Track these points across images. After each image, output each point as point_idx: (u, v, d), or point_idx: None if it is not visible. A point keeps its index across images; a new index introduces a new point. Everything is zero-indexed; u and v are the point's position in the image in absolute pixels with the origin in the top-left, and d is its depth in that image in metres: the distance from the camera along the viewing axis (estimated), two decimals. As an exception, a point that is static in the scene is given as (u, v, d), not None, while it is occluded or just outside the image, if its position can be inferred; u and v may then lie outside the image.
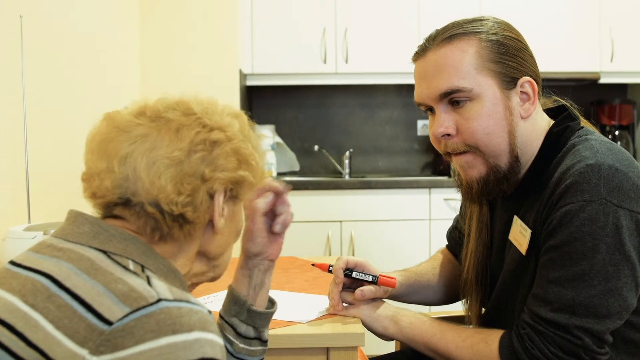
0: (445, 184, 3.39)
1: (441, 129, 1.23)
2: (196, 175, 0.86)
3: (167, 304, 0.74)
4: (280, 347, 1.24)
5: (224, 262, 0.98)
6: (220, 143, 0.89)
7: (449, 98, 1.21)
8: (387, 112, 4.00)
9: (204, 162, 0.87)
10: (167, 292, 0.76)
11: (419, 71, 1.27)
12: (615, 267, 1.10)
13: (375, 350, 1.83)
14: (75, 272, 0.78)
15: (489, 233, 1.38)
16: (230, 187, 0.90)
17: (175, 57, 3.27)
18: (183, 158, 0.85)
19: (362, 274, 1.35)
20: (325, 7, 3.54)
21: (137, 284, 0.76)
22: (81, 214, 0.87)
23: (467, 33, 1.21)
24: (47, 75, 2.04)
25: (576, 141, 1.21)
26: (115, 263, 0.80)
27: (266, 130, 3.72)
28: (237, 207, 0.95)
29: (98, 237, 0.83)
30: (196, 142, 0.87)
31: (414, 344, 1.32)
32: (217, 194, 0.88)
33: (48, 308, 0.75)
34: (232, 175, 0.89)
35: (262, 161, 0.96)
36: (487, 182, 1.23)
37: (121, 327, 0.71)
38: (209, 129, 0.89)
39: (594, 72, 3.58)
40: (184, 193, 0.85)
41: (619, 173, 1.11)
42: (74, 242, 0.83)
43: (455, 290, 1.54)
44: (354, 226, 3.37)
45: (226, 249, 0.97)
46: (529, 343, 1.15)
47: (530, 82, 1.22)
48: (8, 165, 1.78)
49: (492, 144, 1.21)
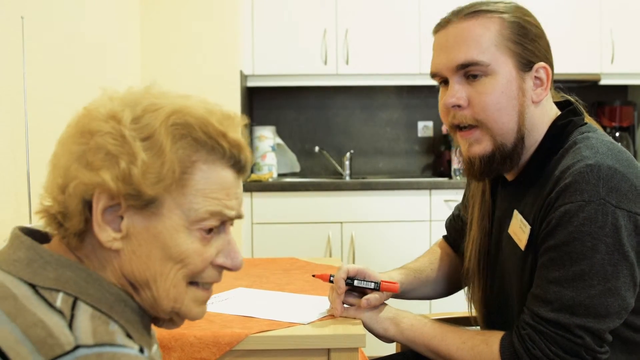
0: (446, 186, 3.40)
1: (453, 99, 1.23)
2: (65, 170, 0.76)
3: (85, 352, 0.67)
4: (281, 349, 1.24)
5: (162, 296, 0.79)
6: (95, 133, 0.76)
7: (465, 71, 1.22)
8: (388, 114, 4.00)
9: (80, 158, 0.76)
10: (89, 335, 0.69)
11: (439, 42, 1.27)
12: (614, 267, 1.10)
13: (376, 351, 1.83)
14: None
15: (490, 222, 1.38)
16: (114, 195, 0.75)
17: (176, 58, 3.27)
18: (65, 151, 0.77)
19: (363, 282, 1.34)
20: (326, 9, 3.54)
21: (57, 328, 0.69)
22: (18, 236, 0.79)
23: (491, 11, 1.23)
24: (49, 76, 2.04)
25: (578, 138, 1.22)
26: (40, 299, 0.72)
27: (267, 131, 3.72)
28: (152, 223, 0.77)
29: (31, 266, 0.75)
30: (78, 133, 0.77)
31: (414, 346, 1.32)
32: (94, 201, 0.75)
33: None
34: (94, 176, 0.74)
35: (159, 160, 0.75)
36: (492, 160, 1.24)
37: None
38: (93, 117, 0.77)
39: (595, 73, 3.58)
40: (56, 190, 0.77)
41: (618, 174, 1.12)
42: (5, 271, 0.76)
43: (454, 283, 1.54)
44: (355, 227, 3.37)
45: (156, 279, 0.78)
46: (530, 343, 1.15)
47: (545, 68, 1.24)
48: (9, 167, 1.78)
49: (501, 120, 1.22)
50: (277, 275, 1.75)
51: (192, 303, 0.82)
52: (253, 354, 1.24)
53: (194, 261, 0.79)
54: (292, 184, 3.45)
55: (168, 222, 0.77)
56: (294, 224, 3.35)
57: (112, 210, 0.76)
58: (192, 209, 0.78)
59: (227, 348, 1.21)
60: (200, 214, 0.78)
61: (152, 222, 0.77)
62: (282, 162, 3.86)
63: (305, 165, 3.97)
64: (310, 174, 3.96)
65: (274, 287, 1.62)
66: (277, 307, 1.42)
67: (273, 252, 3.22)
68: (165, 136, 0.76)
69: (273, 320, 1.31)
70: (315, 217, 3.35)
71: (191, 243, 0.79)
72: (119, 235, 0.76)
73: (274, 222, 3.34)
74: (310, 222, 3.35)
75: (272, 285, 1.63)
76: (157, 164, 0.75)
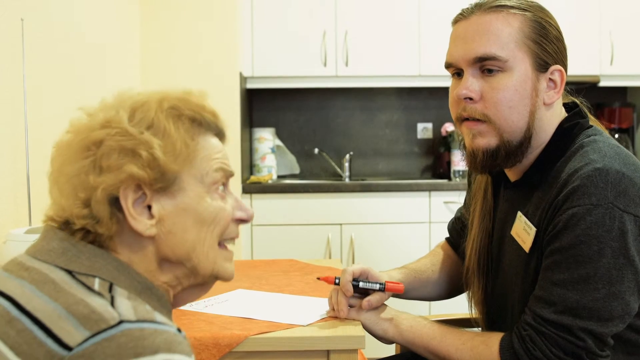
0: (446, 187, 3.40)
1: (466, 91, 1.22)
2: (84, 185, 0.81)
3: (128, 326, 0.71)
4: (280, 350, 1.24)
5: (202, 261, 0.88)
6: (102, 142, 0.82)
7: (482, 64, 1.22)
8: (387, 115, 4.00)
9: (93, 168, 0.82)
10: (131, 313, 0.73)
11: (458, 32, 1.26)
12: (619, 271, 1.10)
13: (375, 353, 1.83)
14: (37, 294, 0.76)
15: (492, 222, 1.38)
16: (137, 186, 0.82)
17: (175, 61, 3.27)
18: (74, 170, 0.82)
19: (369, 283, 1.35)
20: (326, 10, 3.55)
21: (99, 305, 0.73)
22: (52, 228, 0.84)
23: (514, 7, 1.23)
24: (48, 78, 2.05)
25: (585, 141, 1.21)
26: (79, 283, 0.77)
27: (266, 133, 3.72)
28: (179, 198, 0.85)
29: (65, 255, 0.81)
30: (81, 149, 0.83)
31: (414, 347, 1.32)
32: (121, 198, 0.81)
33: (8, 333, 0.72)
34: (119, 175, 0.80)
35: (171, 139, 0.84)
36: (496, 155, 1.23)
37: (80, 353, 0.69)
38: (90, 129, 0.83)
39: (594, 75, 3.59)
40: (79, 206, 0.81)
41: (626, 178, 1.12)
42: (41, 260, 0.81)
43: (455, 285, 1.54)
44: (354, 229, 3.37)
45: (195, 246, 0.87)
46: (531, 344, 1.15)
47: (561, 71, 1.24)
48: (9, 168, 1.78)
49: (511, 118, 1.21)
50: (277, 277, 1.75)
51: (225, 262, 0.92)
52: (253, 355, 1.24)
53: (223, 217, 0.89)
54: (292, 185, 3.45)
55: (191, 193, 0.86)
56: (294, 225, 3.35)
57: (139, 202, 0.83)
58: (205, 174, 0.87)
59: (226, 349, 1.21)
60: (212, 176, 0.88)
61: (178, 199, 0.85)
62: (281, 164, 3.86)
63: (305, 166, 3.97)
64: (309, 175, 3.96)
65: (274, 288, 1.62)
66: (277, 309, 1.42)
67: (273, 254, 3.22)
68: (166, 120, 0.85)
69: (272, 321, 1.31)
70: (315, 218, 3.36)
71: (215, 203, 0.88)
72: (154, 221, 0.83)
73: (274, 223, 3.34)
74: (309, 223, 3.35)
75: (271, 287, 1.63)
76: (169, 143, 0.84)
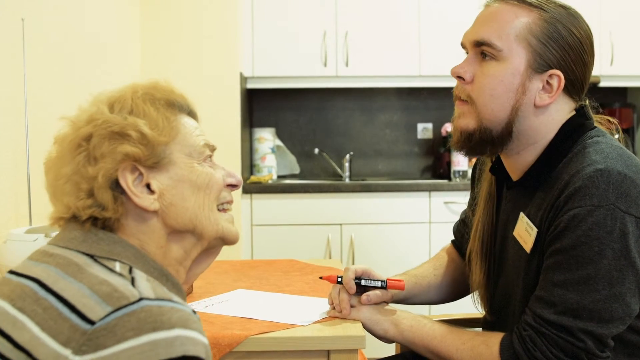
0: (446, 187, 3.40)
1: (459, 69, 1.25)
2: (85, 177, 0.87)
3: (148, 303, 0.75)
4: (280, 350, 1.24)
5: (206, 225, 0.95)
6: (91, 135, 0.88)
7: (480, 49, 1.23)
8: (388, 116, 4.00)
9: (88, 160, 0.88)
10: (150, 292, 0.78)
11: (478, 15, 1.28)
12: (620, 272, 1.10)
13: (375, 353, 1.83)
14: (62, 276, 0.80)
15: (495, 210, 1.38)
16: (134, 165, 0.88)
17: (176, 60, 3.27)
18: (71, 169, 0.88)
19: (371, 281, 1.35)
20: (326, 11, 3.55)
21: (121, 285, 0.78)
22: (71, 221, 0.89)
23: (533, 5, 1.22)
24: (49, 78, 2.05)
25: (587, 142, 1.21)
26: (101, 266, 0.82)
27: (266, 133, 3.72)
28: (172, 171, 0.91)
29: (86, 242, 0.86)
30: (72, 148, 0.89)
31: (414, 347, 1.32)
32: (121, 180, 0.88)
33: (35, 311, 0.77)
34: (115, 157, 0.87)
35: (152, 118, 0.91)
36: (471, 138, 1.25)
37: (103, 326, 0.73)
38: (77, 128, 0.89)
39: (594, 75, 3.55)
40: (83, 197, 0.87)
41: (628, 180, 1.12)
42: (63, 247, 0.86)
43: (460, 288, 1.54)
44: (354, 229, 3.37)
45: (196, 212, 0.93)
46: (531, 345, 1.15)
47: (560, 77, 1.22)
48: (9, 168, 1.79)
49: (490, 106, 1.22)
50: (277, 277, 1.75)
51: (228, 223, 0.99)
52: (253, 355, 1.24)
53: (216, 181, 0.96)
54: (292, 185, 3.45)
55: (182, 165, 0.92)
56: (294, 225, 3.35)
57: (137, 182, 0.89)
58: (191, 147, 0.94)
59: (227, 349, 1.22)
60: (199, 148, 0.95)
61: (171, 172, 0.92)
62: (281, 164, 3.86)
63: (305, 167, 3.97)
64: (309, 175, 3.96)
65: (274, 288, 1.62)
66: (277, 309, 1.42)
67: (272, 254, 3.22)
68: (144, 104, 0.92)
69: (273, 321, 1.32)
70: (315, 218, 3.36)
71: (206, 169, 0.95)
72: (155, 195, 0.90)
73: (274, 223, 3.34)
74: (309, 223, 3.35)
75: (271, 287, 1.63)
76: (152, 121, 0.90)
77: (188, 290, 1.54)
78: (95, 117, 0.89)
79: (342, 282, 1.35)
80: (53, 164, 0.91)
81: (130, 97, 0.92)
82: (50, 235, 1.51)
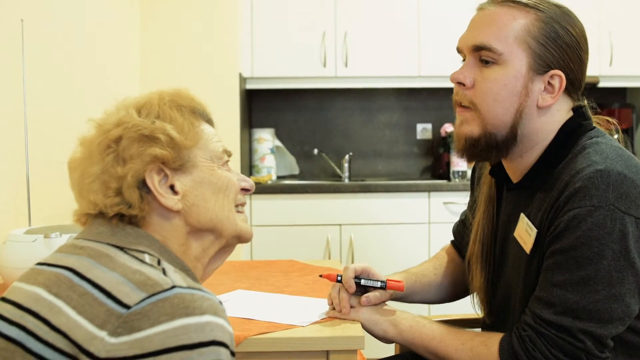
0: (445, 188, 3.40)
1: (459, 75, 1.24)
2: (114, 177, 0.92)
3: (180, 290, 0.79)
4: (280, 350, 1.24)
5: (225, 224, 1.01)
6: (121, 138, 0.93)
7: (479, 54, 1.22)
8: (387, 116, 4.01)
9: (117, 161, 0.93)
10: (181, 281, 0.82)
11: (472, 20, 1.28)
12: (619, 273, 1.10)
13: (375, 353, 1.83)
14: (95, 266, 0.84)
15: (495, 213, 1.38)
16: (160, 166, 0.94)
17: (175, 61, 3.27)
18: (100, 169, 0.93)
19: (370, 281, 1.35)
20: (325, 11, 3.55)
21: (153, 274, 0.82)
22: (96, 217, 0.94)
23: (529, 6, 1.22)
24: (48, 79, 2.05)
25: (587, 143, 1.21)
26: (132, 257, 0.87)
27: (266, 133, 3.72)
28: (194, 174, 0.98)
29: (115, 235, 0.91)
30: (102, 149, 0.94)
31: (413, 347, 1.32)
32: (148, 180, 0.93)
33: (70, 296, 0.81)
34: (144, 159, 0.92)
35: (179, 123, 0.97)
36: (476, 144, 1.24)
37: (138, 311, 0.77)
38: (106, 130, 0.94)
39: (593, 76, 3.59)
40: (111, 195, 0.92)
41: (627, 180, 1.11)
42: (93, 240, 0.91)
43: (458, 288, 1.54)
44: (354, 230, 3.37)
45: (217, 212, 1.00)
46: (530, 345, 1.15)
47: (561, 77, 1.22)
48: (9, 168, 1.79)
49: (495, 111, 1.21)
50: (276, 278, 1.75)
51: (244, 223, 1.06)
52: (252, 355, 1.24)
53: (234, 184, 1.03)
54: (291, 186, 3.45)
55: (204, 168, 0.99)
56: (293, 226, 3.36)
57: (163, 183, 0.94)
58: (212, 152, 1.01)
59: (226, 350, 1.21)
60: (218, 153, 1.02)
61: (194, 174, 0.98)
62: (281, 165, 3.86)
63: (304, 167, 3.97)
64: (309, 176, 3.96)
65: (273, 289, 1.62)
66: (276, 309, 1.42)
67: (272, 255, 3.22)
68: (170, 110, 0.97)
69: (272, 322, 1.31)
70: (314, 219, 3.36)
71: (225, 173, 1.02)
72: (179, 196, 0.95)
73: (273, 224, 3.35)
74: (309, 224, 3.35)
75: (271, 288, 1.63)
76: (178, 126, 0.96)
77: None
78: (125, 121, 0.94)
79: (342, 281, 1.35)
80: (79, 164, 0.96)
81: (157, 103, 0.98)
82: (50, 236, 1.51)
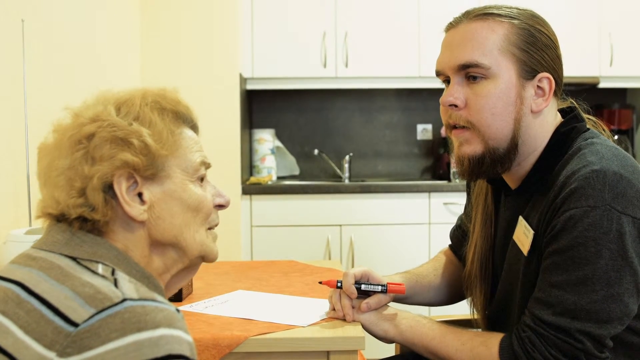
0: (445, 188, 3.40)
1: (450, 98, 1.23)
2: (80, 175, 0.87)
3: (131, 303, 0.75)
4: (280, 351, 1.24)
5: (190, 244, 0.95)
6: (94, 135, 0.88)
7: (466, 72, 1.22)
8: (387, 117, 4.01)
9: (86, 159, 0.87)
10: (133, 292, 0.78)
11: (447, 40, 1.27)
12: (617, 273, 1.10)
13: (375, 353, 1.83)
14: (45, 279, 0.80)
15: (494, 227, 1.38)
16: (131, 172, 0.88)
17: (175, 61, 3.27)
18: (67, 163, 0.87)
19: (371, 286, 1.34)
20: (326, 12, 3.55)
21: (103, 286, 0.78)
22: (54, 224, 0.89)
23: (502, 15, 1.23)
24: (49, 79, 2.05)
25: (582, 144, 1.21)
26: (83, 268, 0.82)
27: (266, 134, 3.72)
28: (166, 185, 0.92)
29: (69, 244, 0.86)
30: (72, 143, 0.88)
31: (414, 347, 1.32)
32: (115, 186, 0.87)
33: (18, 314, 0.77)
34: (114, 162, 0.87)
35: (158, 129, 0.91)
36: (481, 162, 1.24)
37: (87, 328, 0.73)
38: (80, 124, 0.89)
39: (593, 76, 3.59)
40: (74, 196, 0.86)
41: (624, 180, 1.12)
42: (47, 250, 0.86)
43: (457, 290, 1.54)
44: (354, 230, 3.37)
45: (182, 230, 0.93)
46: (530, 346, 1.15)
47: (549, 79, 1.23)
48: (9, 169, 1.79)
49: (494, 125, 1.21)
50: (277, 278, 1.75)
51: (211, 242, 1.00)
52: (253, 356, 1.24)
53: (206, 204, 0.96)
54: (292, 186, 3.45)
55: (177, 180, 0.93)
56: (293, 226, 3.35)
57: (131, 190, 0.89)
58: (188, 163, 0.94)
59: (226, 350, 1.22)
60: (195, 165, 0.95)
61: (165, 186, 0.92)
62: (281, 165, 3.86)
63: (305, 168, 3.97)
64: (309, 176, 3.96)
65: (273, 289, 1.62)
66: (277, 310, 1.42)
67: (272, 255, 3.23)
68: (151, 112, 0.92)
69: (272, 322, 1.32)
70: (315, 219, 3.36)
71: (198, 191, 0.95)
72: (146, 206, 0.90)
73: (273, 224, 3.35)
74: (309, 224, 3.35)
75: (271, 288, 1.63)
76: (156, 132, 0.90)
77: (188, 290, 1.54)
78: (101, 118, 0.88)
79: (342, 287, 1.35)
80: (49, 152, 0.90)
81: (138, 103, 0.92)
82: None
